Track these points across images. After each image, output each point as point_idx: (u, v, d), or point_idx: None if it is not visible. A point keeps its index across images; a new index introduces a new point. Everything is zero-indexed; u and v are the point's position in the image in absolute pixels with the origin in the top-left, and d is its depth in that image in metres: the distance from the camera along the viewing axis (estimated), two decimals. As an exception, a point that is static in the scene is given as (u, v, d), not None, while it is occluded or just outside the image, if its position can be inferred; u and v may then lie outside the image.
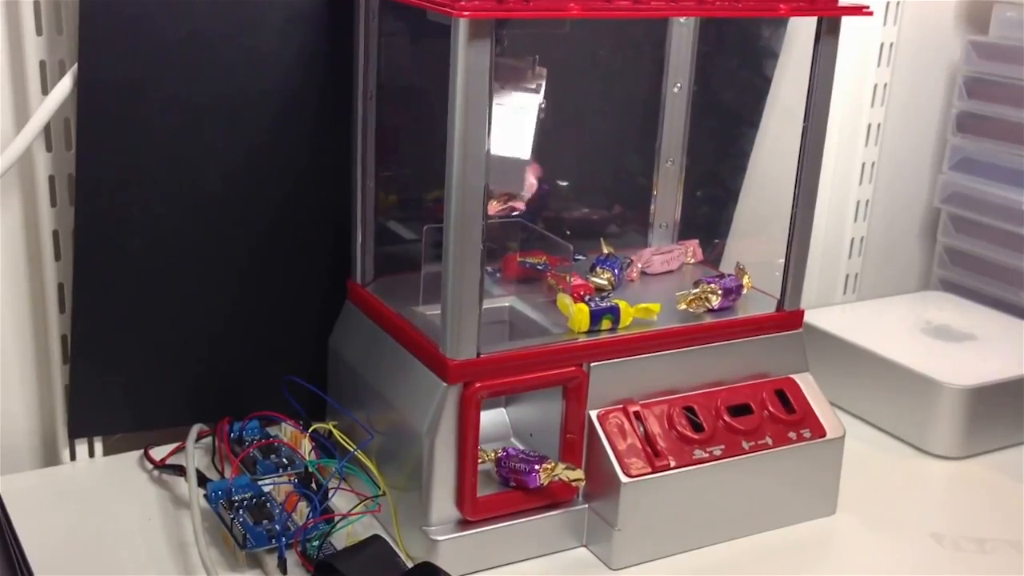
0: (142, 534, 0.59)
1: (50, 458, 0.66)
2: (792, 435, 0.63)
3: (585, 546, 0.60)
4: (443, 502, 0.57)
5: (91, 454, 0.66)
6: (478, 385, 0.56)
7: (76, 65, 0.60)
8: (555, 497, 0.59)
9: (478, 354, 0.56)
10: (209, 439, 0.66)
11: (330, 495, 0.59)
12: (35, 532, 0.58)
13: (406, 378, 0.59)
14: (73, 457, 0.65)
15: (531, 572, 0.57)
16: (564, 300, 0.61)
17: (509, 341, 0.63)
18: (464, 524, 0.57)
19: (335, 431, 0.62)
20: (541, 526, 0.58)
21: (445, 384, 0.56)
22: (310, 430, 0.63)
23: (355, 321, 0.66)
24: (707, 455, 0.60)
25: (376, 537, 0.54)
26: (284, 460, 0.64)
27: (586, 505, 0.60)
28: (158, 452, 0.65)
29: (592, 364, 0.59)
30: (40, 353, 0.65)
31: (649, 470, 0.58)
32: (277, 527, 0.56)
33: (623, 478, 0.58)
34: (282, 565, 0.55)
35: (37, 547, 0.56)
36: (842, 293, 0.90)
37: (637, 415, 0.60)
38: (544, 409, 0.63)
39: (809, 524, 0.63)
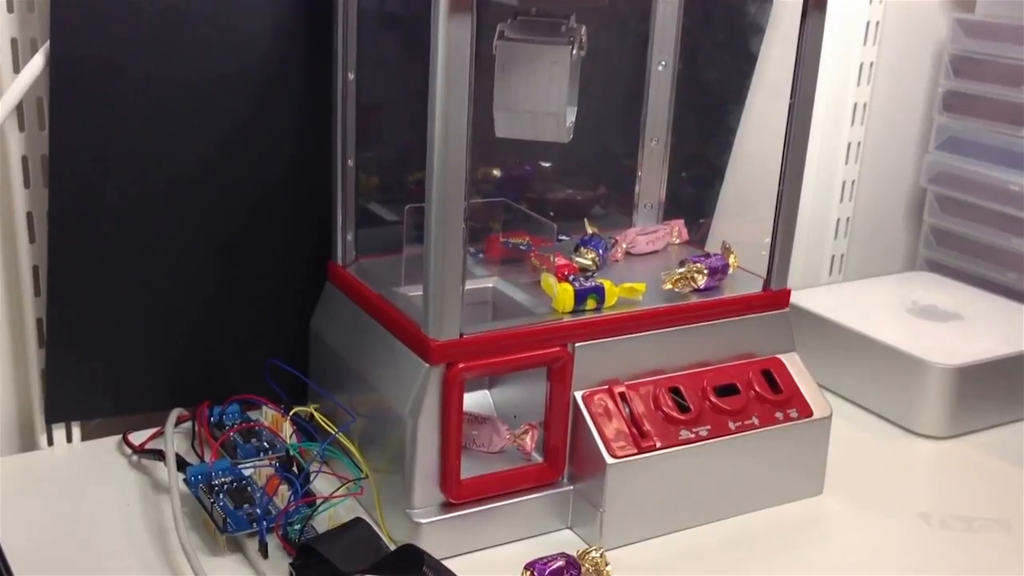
0: (121, 520, 0.58)
1: (27, 443, 0.65)
2: (779, 415, 0.62)
3: (570, 528, 0.59)
4: (426, 484, 0.56)
5: (69, 439, 0.65)
6: (461, 366, 0.55)
7: (48, 43, 0.58)
8: (540, 479, 0.59)
9: (461, 335, 0.55)
10: (189, 424, 0.65)
11: (312, 478, 0.58)
12: (11, 518, 0.57)
13: (388, 359, 0.58)
14: (51, 442, 0.64)
15: (516, 554, 0.56)
16: (548, 280, 0.60)
17: (492, 321, 0.62)
18: (448, 507, 0.56)
19: (317, 414, 0.61)
20: (526, 508, 0.58)
21: (427, 365, 0.55)
22: (291, 413, 0.62)
23: (336, 303, 0.65)
24: (693, 436, 0.59)
25: (358, 520, 0.54)
26: (265, 444, 0.63)
27: (571, 487, 0.59)
28: (137, 437, 0.64)
29: (577, 344, 0.58)
30: (16, 337, 0.64)
31: (635, 451, 0.58)
32: (258, 511, 0.55)
33: (608, 459, 0.57)
34: (263, 549, 0.54)
35: (12, 533, 0.55)
36: (828, 274, 0.90)
37: (622, 396, 0.59)
38: (528, 390, 0.62)
39: (796, 504, 0.63)
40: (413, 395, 0.55)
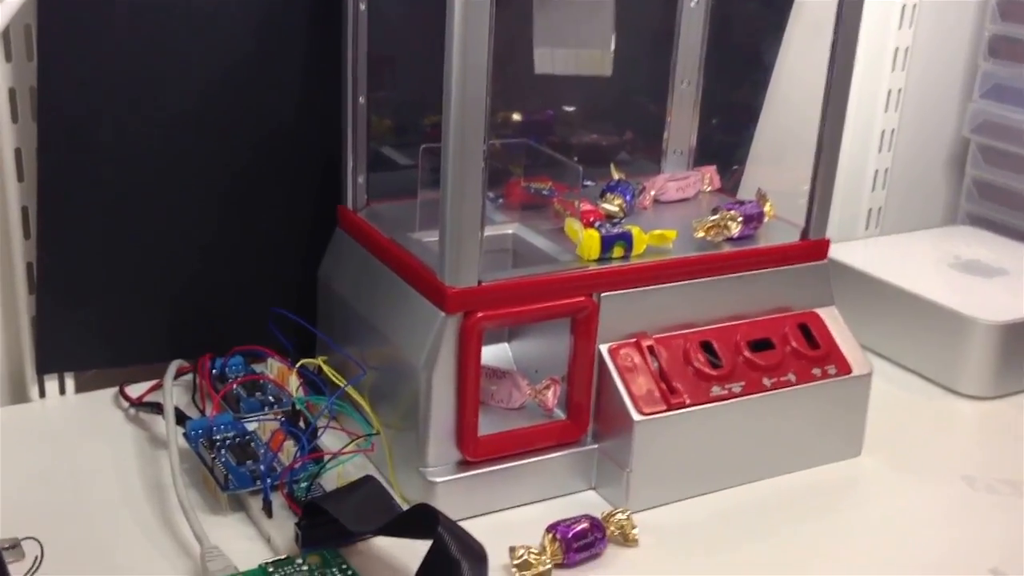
0: (116, 475, 0.54)
1: (18, 395, 0.62)
2: (816, 372, 0.58)
3: (594, 489, 0.55)
4: (441, 441, 0.52)
5: (62, 391, 0.61)
6: (479, 315, 0.51)
7: (36, -35, 0.55)
8: (562, 437, 0.55)
9: (479, 282, 0.51)
10: (189, 377, 0.61)
11: (319, 434, 0.54)
12: (0, 473, 0.54)
13: (402, 309, 0.55)
14: (42, 394, 0.61)
15: (536, 516, 0.52)
16: (573, 225, 0.56)
17: (512, 269, 0.58)
18: (464, 465, 0.53)
19: (325, 366, 0.57)
20: (547, 468, 0.54)
21: (444, 314, 0.51)
22: (298, 366, 0.58)
23: (346, 249, 0.61)
24: (726, 392, 0.56)
25: (369, 478, 0.50)
26: (270, 398, 0.59)
27: (596, 445, 0.55)
28: (134, 390, 0.61)
29: (602, 294, 0.54)
30: (5, 283, 0.60)
31: (664, 408, 0.54)
32: (262, 467, 0.52)
33: (636, 416, 0.53)
34: (267, 508, 0.51)
35: (2, 488, 0.52)
36: (864, 228, 0.85)
37: (651, 350, 0.55)
38: (550, 344, 0.58)
39: (833, 466, 0.59)
40: (428, 346, 0.52)
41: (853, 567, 0.51)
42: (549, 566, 0.49)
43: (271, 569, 0.46)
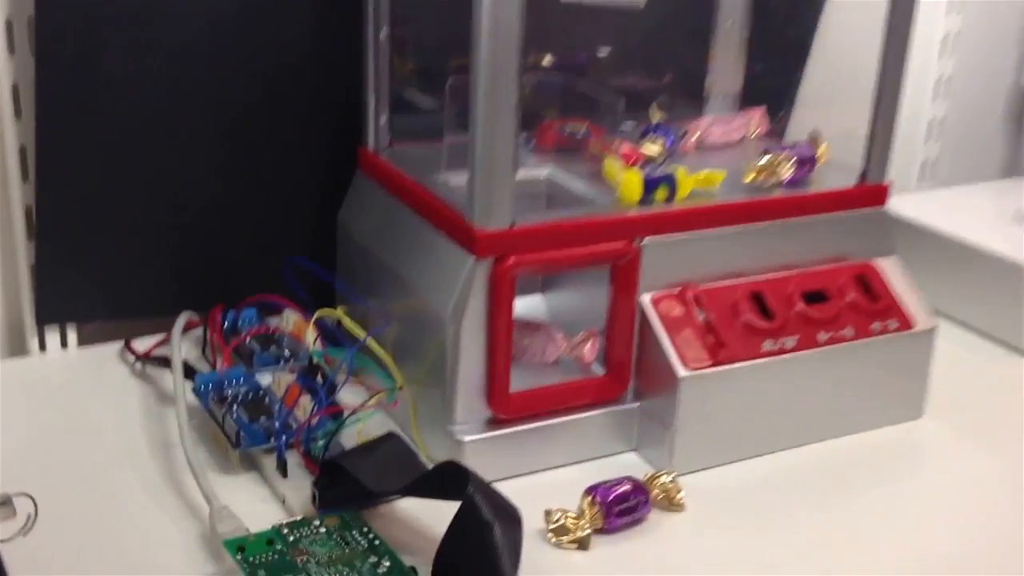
0: (120, 433, 0.51)
1: (16, 347, 0.58)
2: (875, 326, 0.54)
3: (635, 451, 0.51)
4: (470, 398, 0.48)
5: (63, 344, 0.58)
6: (512, 260, 0.47)
7: None
8: (600, 395, 0.51)
9: (512, 224, 0.47)
10: (199, 332, 0.57)
11: (338, 389, 0.51)
12: (-4, 429, 0.51)
13: (428, 255, 0.50)
14: (43, 347, 0.57)
15: (572, 479, 0.49)
16: (612, 165, 0.52)
17: (548, 211, 0.54)
18: (494, 423, 0.49)
19: (344, 318, 0.53)
20: (584, 427, 0.50)
21: (473, 259, 0.47)
22: (315, 317, 0.54)
23: (367, 193, 0.57)
24: (778, 348, 0.51)
25: (391, 435, 0.46)
26: (286, 352, 0.55)
27: (637, 404, 0.51)
28: (141, 345, 0.57)
29: (644, 240, 0.50)
30: (3, 228, 0.56)
31: (711, 363, 0.49)
32: (276, 424, 0.48)
33: (681, 372, 0.49)
34: (281, 467, 0.47)
35: (-2, 446, 0.49)
36: (917, 181, 0.81)
37: (697, 300, 0.51)
38: (587, 295, 0.54)
39: (893, 429, 0.55)
40: (456, 294, 0.48)
41: (913, 537, 0.47)
42: (588, 531, 0.45)
43: (286, 531, 0.42)
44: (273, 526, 0.42)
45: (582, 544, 0.45)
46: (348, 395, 0.52)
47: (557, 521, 0.45)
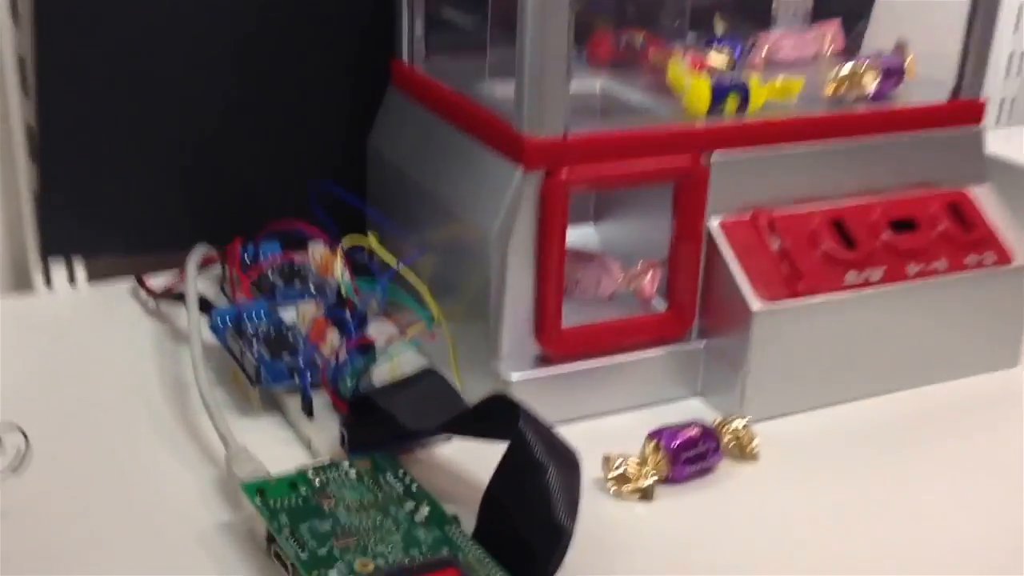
0: (129, 373, 0.46)
1: (20, 282, 0.53)
2: (970, 260, 0.48)
3: (700, 396, 0.46)
4: (517, 332, 0.43)
5: (71, 280, 0.53)
6: (565, 173, 0.41)
7: None
8: (662, 333, 0.45)
9: (565, 133, 0.42)
10: (218, 271, 0.52)
11: (368, 321, 0.46)
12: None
13: (470, 172, 0.45)
14: (48, 283, 0.53)
15: (629, 426, 0.43)
16: (678, 69, 0.46)
17: (605, 119, 0.48)
18: (544, 362, 0.43)
19: (376, 243, 0.48)
20: (643, 368, 0.45)
21: (522, 171, 0.41)
22: (343, 246, 0.48)
23: (401, 110, 0.51)
24: (862, 280, 0.45)
25: (429, 371, 0.41)
26: (311, 287, 0.50)
27: (702, 343, 0.46)
28: (155, 283, 0.52)
29: (714, 156, 0.44)
30: (2, 149, 0.51)
31: (788, 296, 0.44)
32: (300, 361, 0.43)
33: (754, 305, 0.43)
34: (307, 406, 0.42)
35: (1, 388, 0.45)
36: (995, 122, 0.74)
37: (771, 226, 0.45)
38: (646, 224, 0.49)
39: (988, 376, 0.49)
40: (503, 213, 0.42)
41: (1005, 496, 0.41)
42: (653, 480, 0.40)
43: (311, 474, 0.37)
44: (297, 469, 0.37)
45: (646, 494, 0.39)
46: (379, 334, 0.46)
47: (618, 468, 0.40)
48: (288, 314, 0.47)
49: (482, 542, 0.34)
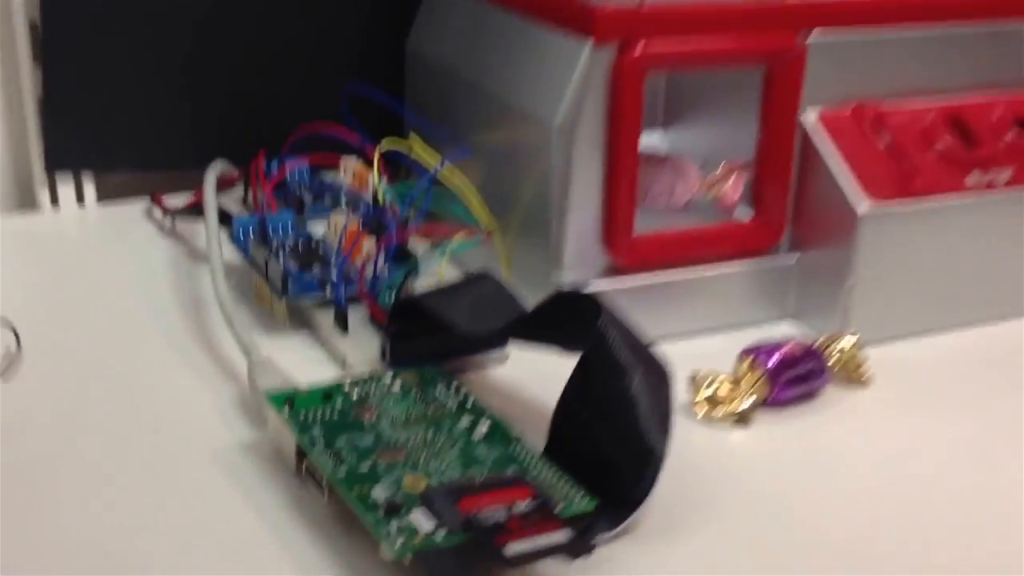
0: (142, 291, 0.41)
1: (24, 201, 0.48)
2: (1106, 165, 0.43)
3: (792, 319, 0.40)
4: (583, 238, 0.37)
5: (79, 199, 0.48)
6: (641, 48, 0.35)
7: None
8: (748, 244, 0.39)
9: (642, 1, 0.36)
10: (239, 193, 0.47)
11: (410, 227, 0.40)
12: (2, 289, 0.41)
13: (528, 56, 0.38)
14: (55, 201, 0.47)
15: (708, 351, 0.36)
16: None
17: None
18: (612, 273, 0.38)
19: (418, 143, 0.41)
20: (725, 285, 0.39)
21: (591, 45, 0.35)
22: (381, 149, 0.41)
23: (445, 5, 0.45)
24: (986, 182, 0.39)
25: (484, 274, 0.35)
26: (344, 203, 0.45)
27: (794, 257, 0.40)
28: (171, 203, 0.47)
29: (812, 36, 0.38)
30: (4, 51, 0.46)
31: (900, 197, 0.38)
32: (333, 273, 0.37)
33: (862, 206, 0.37)
34: (340, 319, 0.36)
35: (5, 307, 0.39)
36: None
37: (879, 122, 0.39)
38: (726, 124, 0.43)
39: None
40: (568, 97, 0.36)
41: None
42: (751, 402, 0.34)
43: (348, 387, 0.31)
44: (332, 381, 0.32)
45: (742, 419, 0.34)
46: (420, 245, 0.41)
47: (708, 389, 0.34)
48: (318, 229, 0.42)
49: (555, 462, 0.28)
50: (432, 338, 0.33)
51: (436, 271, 0.38)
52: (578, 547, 0.25)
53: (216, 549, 0.27)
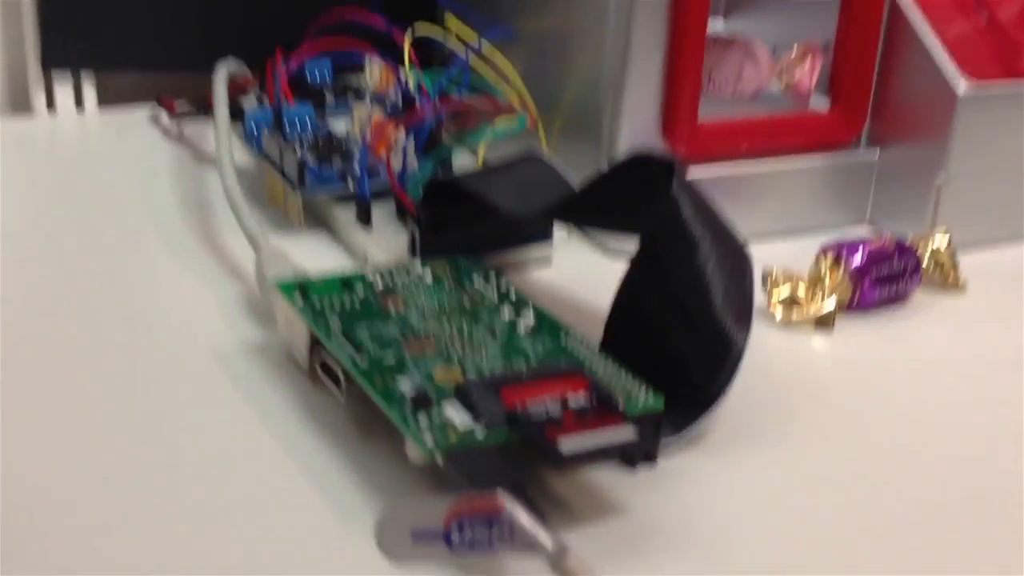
0: (146, 195, 0.36)
1: (18, 103, 0.44)
2: None
3: (870, 224, 0.35)
4: (639, 125, 0.32)
5: (78, 103, 0.43)
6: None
7: None
8: (824, 136, 0.34)
9: None
10: (251, 103, 0.41)
11: (444, 116, 0.35)
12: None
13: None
14: (51, 105, 0.43)
15: (779, 254, 0.31)
16: None
17: None
18: (673, 166, 0.35)
19: (454, 24, 0.37)
20: (798, 182, 0.34)
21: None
22: (411, 34, 0.37)
23: None
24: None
25: (530, 155, 0.30)
26: (368, 100, 0.41)
27: (877, 151, 0.36)
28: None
29: None
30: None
31: (1002, 77, 0.34)
32: (356, 166, 0.33)
33: (960, 86, 0.32)
34: (364, 213, 0.32)
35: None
36: None
37: (975, -6, 0.36)
38: (797, 8, 0.39)
39: None
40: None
41: None
42: (833, 304, 0.29)
43: (371, 276, 0.27)
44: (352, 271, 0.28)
45: (824, 322, 0.29)
46: (453, 138, 0.36)
47: (783, 288, 0.30)
48: (340, 126, 0.37)
49: (615, 356, 0.24)
50: (468, 228, 0.29)
51: (473, 159, 0.34)
52: (645, 447, 0.22)
53: (216, 458, 0.23)
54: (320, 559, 0.21)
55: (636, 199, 0.25)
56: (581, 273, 0.32)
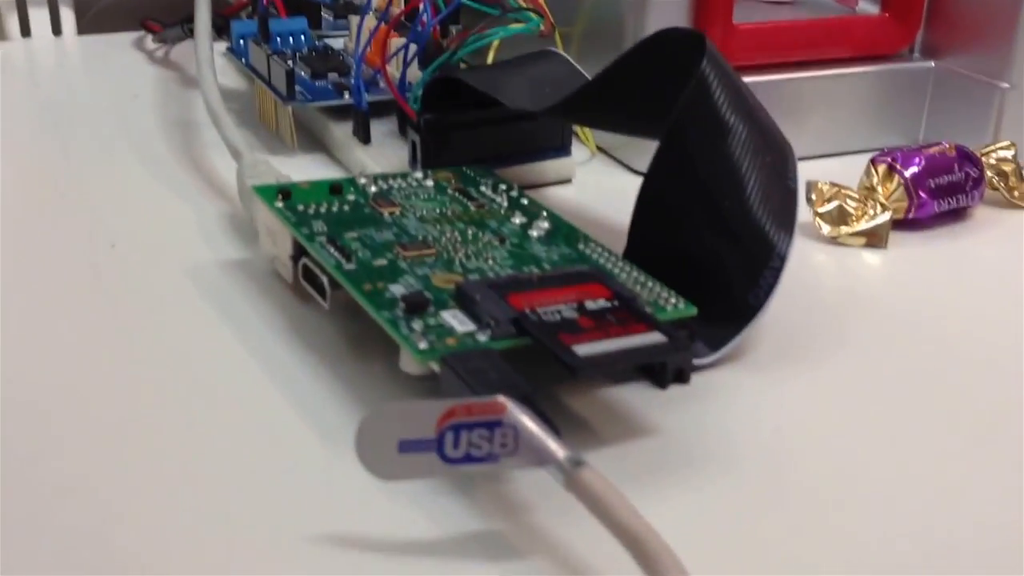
0: (124, 117, 0.33)
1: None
2: None
3: (925, 140, 0.32)
4: (667, 26, 0.30)
5: (56, 31, 0.41)
6: None
7: None
8: (873, 45, 0.31)
9: None
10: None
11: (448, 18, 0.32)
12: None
13: None
14: (26, 32, 0.40)
15: (825, 172, 0.27)
16: None
17: None
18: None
19: None
20: (845, 93, 0.30)
21: None
22: None
23: None
24: None
25: (547, 51, 0.28)
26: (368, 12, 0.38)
27: (931, 62, 0.33)
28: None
29: None
30: None
31: None
32: (353, 79, 0.30)
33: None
34: (362, 128, 0.29)
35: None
36: None
37: None
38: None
39: None
40: None
41: None
42: (886, 218, 0.26)
43: (363, 181, 0.24)
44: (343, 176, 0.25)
45: (875, 238, 0.26)
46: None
47: (831, 202, 0.27)
48: (336, 43, 0.35)
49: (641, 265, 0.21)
50: (476, 134, 0.26)
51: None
52: (676, 361, 0.19)
53: (191, 377, 0.20)
54: (302, 483, 0.17)
55: (662, 81, 0.22)
56: (606, 193, 0.28)
